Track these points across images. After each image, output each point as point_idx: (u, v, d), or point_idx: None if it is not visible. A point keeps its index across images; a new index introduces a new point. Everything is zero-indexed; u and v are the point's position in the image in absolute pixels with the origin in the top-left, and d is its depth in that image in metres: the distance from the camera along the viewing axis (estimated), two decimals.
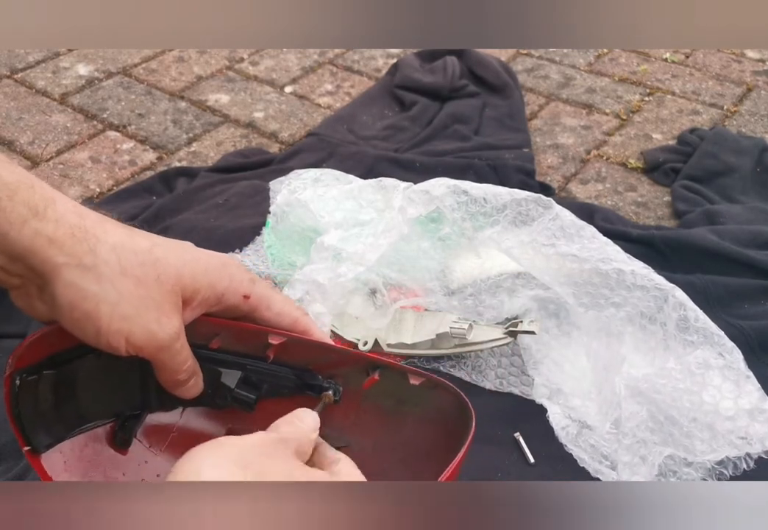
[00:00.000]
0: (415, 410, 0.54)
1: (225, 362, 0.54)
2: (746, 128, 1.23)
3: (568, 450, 0.69)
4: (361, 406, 0.55)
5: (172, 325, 0.46)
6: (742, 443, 0.67)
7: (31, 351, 0.48)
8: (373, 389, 0.54)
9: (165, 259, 0.46)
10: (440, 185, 0.80)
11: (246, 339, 0.53)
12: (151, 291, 0.45)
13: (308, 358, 0.54)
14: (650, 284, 0.75)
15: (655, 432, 0.68)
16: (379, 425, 0.55)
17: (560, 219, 0.79)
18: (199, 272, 0.48)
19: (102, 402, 0.53)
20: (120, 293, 0.44)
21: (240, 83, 1.37)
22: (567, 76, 1.39)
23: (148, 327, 0.45)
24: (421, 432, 0.54)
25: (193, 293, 0.47)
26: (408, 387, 0.53)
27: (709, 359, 0.72)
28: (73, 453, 0.52)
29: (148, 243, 0.46)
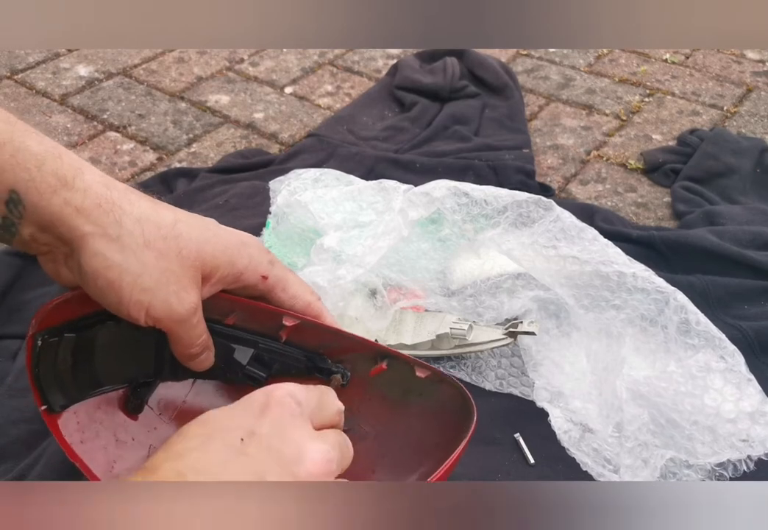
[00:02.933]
0: (418, 401, 0.56)
1: (239, 338, 0.55)
2: (746, 129, 1.23)
3: (571, 454, 0.69)
4: (366, 393, 0.56)
5: (191, 299, 0.47)
6: (744, 445, 0.67)
7: (54, 314, 0.49)
8: (379, 378, 0.55)
9: (188, 234, 0.47)
10: (441, 187, 0.80)
11: (261, 319, 0.54)
12: (172, 265, 0.46)
13: (319, 342, 0.55)
14: (651, 287, 0.75)
15: (656, 435, 0.68)
16: (383, 412, 0.57)
17: (561, 221, 0.79)
18: (220, 250, 0.49)
19: (118, 367, 0.54)
20: (143, 264, 0.45)
21: (240, 84, 1.37)
22: (567, 77, 1.39)
23: (168, 300, 0.46)
24: (423, 423, 0.55)
25: (212, 270, 0.48)
26: (414, 379, 0.54)
27: (711, 363, 0.72)
28: (87, 414, 0.53)
29: (172, 217, 0.48)
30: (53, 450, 0.67)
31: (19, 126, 0.44)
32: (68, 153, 0.45)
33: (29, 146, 0.43)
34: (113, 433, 0.55)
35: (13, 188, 0.42)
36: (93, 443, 0.54)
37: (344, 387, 0.56)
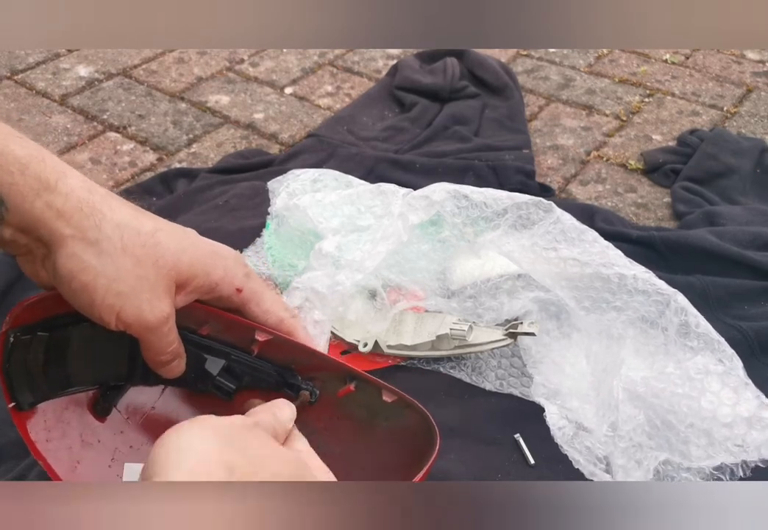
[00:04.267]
0: (384, 424, 0.56)
1: (211, 349, 0.55)
2: (746, 129, 1.23)
3: (563, 451, 0.69)
4: (334, 412, 0.57)
5: (162, 309, 0.48)
6: (739, 450, 0.67)
7: (28, 312, 0.50)
8: (347, 399, 0.56)
9: (166, 244, 0.48)
10: (440, 190, 0.80)
11: (234, 331, 0.54)
12: (148, 272, 0.47)
13: (291, 358, 0.56)
14: (652, 289, 0.75)
15: (651, 437, 0.68)
16: (349, 432, 0.57)
17: (561, 223, 0.79)
18: (197, 260, 0.49)
19: (89, 368, 0.55)
20: (118, 269, 0.46)
21: (240, 84, 1.37)
22: (567, 77, 1.39)
23: (140, 306, 0.47)
24: (387, 446, 0.56)
25: (188, 279, 0.49)
26: (380, 403, 0.55)
27: (709, 366, 0.72)
28: (54, 414, 0.54)
29: (152, 225, 0.48)
30: None
31: (2, 129, 0.45)
32: (51, 157, 0.46)
33: (13, 150, 0.44)
34: (79, 434, 0.55)
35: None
36: (59, 442, 0.54)
37: (312, 405, 0.56)
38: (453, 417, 0.73)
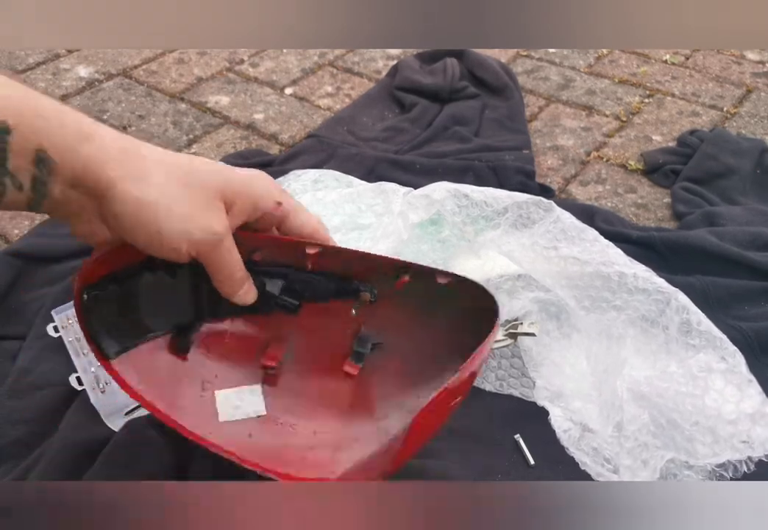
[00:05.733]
0: (444, 307, 0.59)
1: (268, 273, 0.59)
2: (746, 130, 1.23)
3: (570, 454, 0.69)
4: (395, 306, 0.60)
5: (224, 222, 0.50)
6: (744, 446, 0.67)
7: (97, 268, 0.53)
8: (404, 290, 0.59)
9: (205, 169, 0.51)
10: (440, 189, 0.80)
11: (285, 251, 0.57)
12: (198, 195, 0.49)
13: (342, 265, 0.59)
14: (652, 288, 0.75)
15: (656, 436, 0.68)
16: (413, 323, 0.60)
17: (561, 222, 0.79)
18: (237, 181, 0.52)
19: (160, 314, 0.58)
20: (173, 197, 0.48)
21: (240, 85, 1.37)
22: (567, 77, 1.39)
23: (204, 223, 0.49)
24: (451, 328, 0.59)
25: (233, 199, 0.51)
26: (436, 286, 0.57)
27: (712, 363, 0.72)
28: (141, 359, 0.58)
29: (187, 158, 0.51)
30: (54, 451, 0.67)
31: (21, 86, 0.46)
32: (77, 112, 0.48)
33: (46, 107, 0.45)
34: (167, 373, 0.59)
35: (39, 147, 0.44)
36: (150, 383, 0.58)
37: (373, 304, 0.60)
38: (453, 417, 0.73)
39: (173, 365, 0.60)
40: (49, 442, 0.69)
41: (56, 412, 0.72)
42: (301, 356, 0.62)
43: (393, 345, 0.61)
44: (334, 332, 0.62)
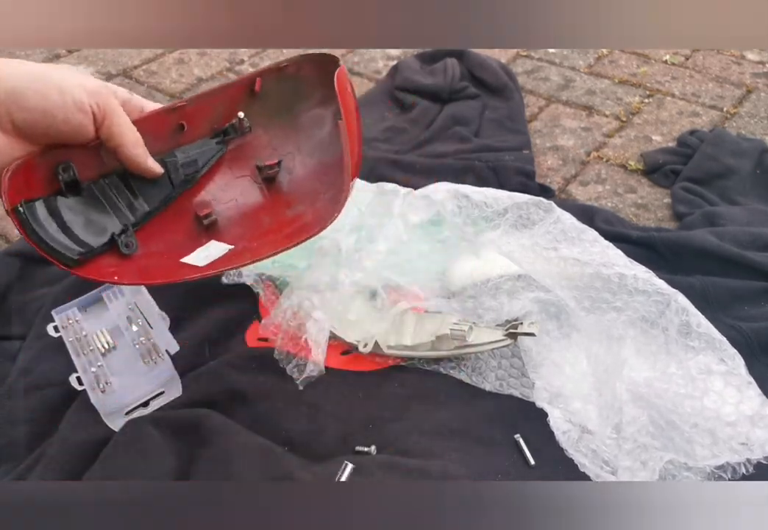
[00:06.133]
0: (302, 102, 0.73)
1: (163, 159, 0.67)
2: (746, 130, 1.23)
3: (569, 455, 0.69)
4: (267, 129, 0.73)
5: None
6: (743, 448, 0.67)
7: (18, 181, 0.56)
8: (265, 106, 0.71)
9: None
10: (441, 190, 0.80)
11: (158, 125, 0.65)
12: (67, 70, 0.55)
13: (208, 117, 0.69)
14: (652, 289, 0.75)
15: (655, 437, 0.68)
16: (289, 133, 0.74)
17: (561, 223, 0.79)
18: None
19: (94, 229, 0.63)
20: (53, 68, 0.54)
21: None
22: (567, 78, 1.39)
23: (90, 78, 0.54)
24: (316, 114, 0.74)
25: None
26: (286, 82, 0.71)
27: (711, 365, 0.72)
28: (100, 264, 0.62)
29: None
30: (54, 451, 0.67)
31: None
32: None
33: None
34: (137, 267, 0.64)
35: None
36: (126, 273, 0.62)
37: (251, 131, 0.72)
38: (453, 417, 0.73)
39: (128, 260, 0.64)
40: (49, 442, 0.69)
41: (56, 412, 0.72)
42: (225, 206, 0.71)
43: (288, 156, 0.74)
44: (237, 180, 0.72)
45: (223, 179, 0.72)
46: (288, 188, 0.74)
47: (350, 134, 0.67)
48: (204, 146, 0.70)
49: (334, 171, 0.70)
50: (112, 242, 0.63)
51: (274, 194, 0.73)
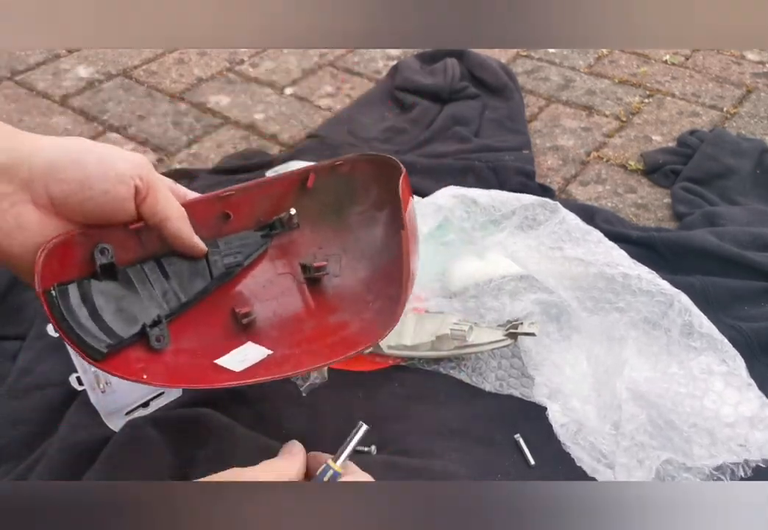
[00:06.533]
0: (354, 202, 0.68)
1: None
2: (746, 130, 1.23)
3: (566, 449, 0.69)
4: (315, 226, 0.68)
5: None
6: (741, 450, 0.67)
7: (52, 262, 0.50)
8: (315, 201, 0.66)
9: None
10: (447, 196, 0.80)
11: (204, 212, 0.60)
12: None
13: (255, 210, 0.64)
14: (655, 289, 0.75)
15: (653, 436, 0.68)
16: (337, 233, 0.68)
17: (566, 223, 0.79)
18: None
19: (122, 319, 0.57)
20: (94, 143, 0.50)
21: (240, 85, 1.37)
22: (567, 78, 1.39)
23: (130, 153, 0.51)
24: (368, 216, 0.68)
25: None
26: (339, 179, 0.66)
27: (712, 366, 0.72)
28: (126, 360, 0.56)
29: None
30: (54, 451, 0.67)
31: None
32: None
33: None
34: (167, 361, 0.59)
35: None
36: (153, 373, 0.56)
37: (299, 227, 0.67)
38: (453, 417, 0.73)
39: (159, 355, 0.59)
40: (49, 442, 0.69)
41: (56, 412, 0.72)
42: (264, 305, 0.66)
43: (333, 257, 0.68)
44: (280, 278, 0.67)
45: (265, 275, 0.66)
46: (332, 293, 0.68)
47: (411, 244, 0.61)
48: (248, 238, 0.64)
49: (385, 280, 0.65)
50: (142, 332, 0.57)
51: (317, 297, 0.67)
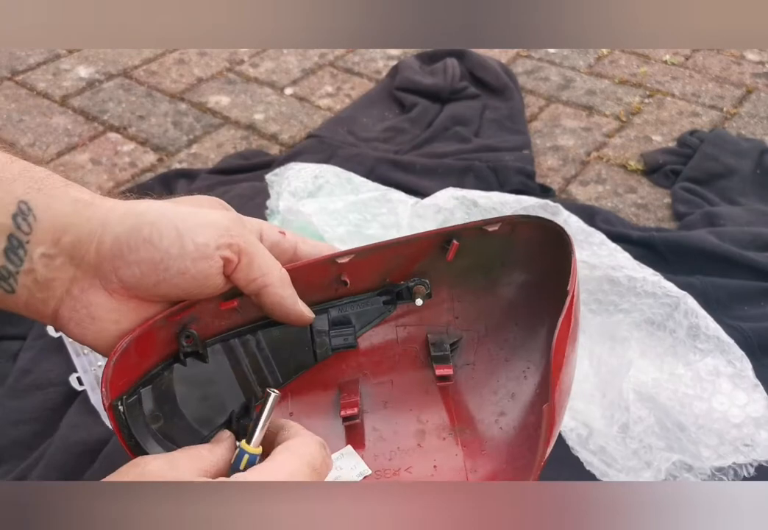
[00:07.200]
0: (506, 268, 0.52)
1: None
2: (746, 130, 1.23)
3: (575, 453, 0.69)
4: (453, 291, 0.53)
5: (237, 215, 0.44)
6: (748, 450, 0.67)
7: (120, 372, 0.42)
8: (458, 261, 0.51)
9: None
10: (448, 197, 0.80)
11: (315, 276, 0.49)
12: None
13: (379, 270, 0.51)
14: (661, 292, 0.75)
15: (661, 438, 0.68)
16: (480, 303, 0.53)
17: (568, 225, 0.79)
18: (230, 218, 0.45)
19: (205, 410, 0.48)
20: (177, 208, 0.42)
21: (240, 85, 1.37)
22: (567, 78, 1.39)
23: (219, 213, 0.42)
24: (522, 287, 0.51)
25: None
26: (490, 241, 0.50)
27: (719, 367, 0.72)
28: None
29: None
30: (54, 450, 0.67)
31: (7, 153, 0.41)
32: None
33: (31, 164, 0.41)
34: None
35: (22, 199, 0.38)
36: None
37: (431, 297, 0.52)
38: None
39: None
40: (49, 442, 0.69)
41: (56, 412, 0.72)
42: (378, 390, 0.53)
43: (471, 333, 0.53)
44: (400, 350, 0.53)
45: (382, 348, 0.53)
46: (465, 387, 0.53)
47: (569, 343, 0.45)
48: (367, 303, 0.52)
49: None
50: (229, 422, 0.47)
51: (443, 391, 0.52)
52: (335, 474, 0.48)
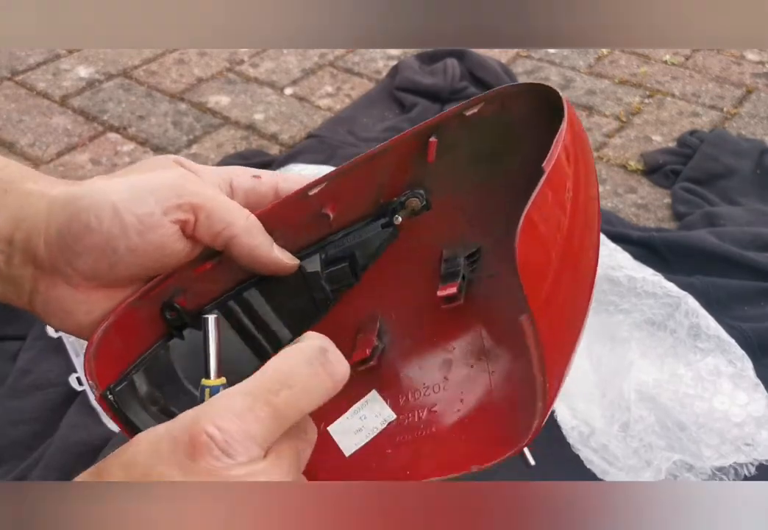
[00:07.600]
0: (508, 155, 0.45)
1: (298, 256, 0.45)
2: (746, 130, 1.23)
3: (576, 451, 0.69)
4: (456, 195, 0.46)
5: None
6: (749, 449, 0.68)
7: (103, 361, 0.40)
8: (449, 164, 0.45)
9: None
10: None
11: (291, 217, 0.44)
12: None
13: (365, 192, 0.45)
14: (661, 292, 0.75)
15: (662, 437, 0.68)
16: (490, 202, 0.46)
17: None
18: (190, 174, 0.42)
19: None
20: (112, 183, 0.39)
21: (240, 85, 1.37)
22: (567, 78, 1.39)
23: (158, 178, 0.39)
24: (533, 171, 0.41)
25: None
26: (477, 128, 0.44)
27: (720, 367, 0.72)
28: None
29: None
30: (54, 451, 0.67)
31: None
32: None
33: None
34: None
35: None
36: None
37: (429, 209, 0.46)
38: None
39: None
40: (48, 442, 0.69)
41: (56, 412, 0.72)
42: (398, 324, 0.48)
43: (489, 237, 0.46)
44: (416, 276, 0.48)
45: (396, 278, 0.48)
46: (493, 301, 0.47)
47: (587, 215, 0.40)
48: (364, 232, 0.46)
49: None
50: None
51: (466, 310, 0.46)
52: (358, 424, 0.45)
